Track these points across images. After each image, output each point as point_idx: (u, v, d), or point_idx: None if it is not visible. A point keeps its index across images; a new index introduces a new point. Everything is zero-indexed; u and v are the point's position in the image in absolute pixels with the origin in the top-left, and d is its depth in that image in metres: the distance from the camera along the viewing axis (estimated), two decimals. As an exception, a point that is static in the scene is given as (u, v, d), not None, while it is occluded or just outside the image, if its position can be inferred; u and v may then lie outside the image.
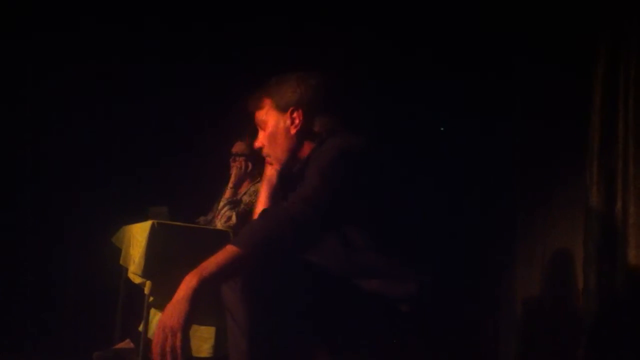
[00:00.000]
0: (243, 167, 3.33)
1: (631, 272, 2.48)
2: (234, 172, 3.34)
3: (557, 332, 2.97)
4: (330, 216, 1.51)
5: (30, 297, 3.73)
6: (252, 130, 1.83)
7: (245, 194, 3.31)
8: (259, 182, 3.31)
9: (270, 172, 1.88)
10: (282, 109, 1.75)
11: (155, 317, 3.22)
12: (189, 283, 1.40)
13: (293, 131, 1.74)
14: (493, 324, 3.39)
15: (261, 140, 1.80)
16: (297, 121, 1.74)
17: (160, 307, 3.01)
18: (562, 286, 3.04)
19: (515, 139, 3.46)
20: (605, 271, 2.54)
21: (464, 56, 3.61)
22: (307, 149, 1.74)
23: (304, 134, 1.74)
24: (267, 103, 1.78)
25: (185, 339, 1.37)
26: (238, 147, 3.38)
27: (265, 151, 1.80)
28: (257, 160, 3.35)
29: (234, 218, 3.14)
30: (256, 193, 3.23)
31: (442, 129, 3.83)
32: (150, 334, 3.15)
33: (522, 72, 3.44)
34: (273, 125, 1.77)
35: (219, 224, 3.20)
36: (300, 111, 1.73)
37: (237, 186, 3.33)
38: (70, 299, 3.85)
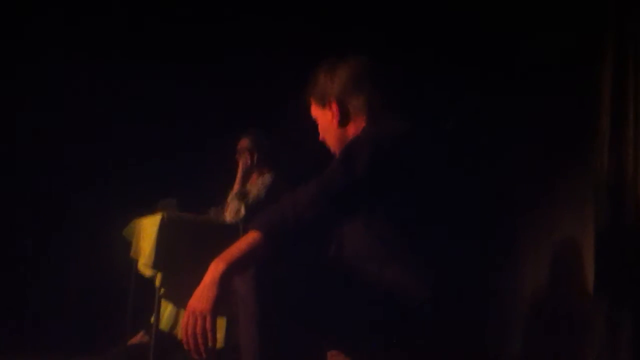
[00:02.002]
0: (248, 161, 3.38)
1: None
2: (240, 166, 3.39)
3: (563, 330, 2.95)
4: (346, 202, 1.51)
5: (41, 292, 3.76)
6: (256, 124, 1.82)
7: (253, 186, 3.33)
8: (266, 174, 3.33)
9: None
10: (320, 103, 1.79)
11: (167, 309, 3.24)
12: (216, 267, 1.43)
13: (335, 122, 1.77)
14: (497, 322, 3.37)
15: (320, 134, 1.85)
16: (335, 112, 1.76)
17: (172, 298, 3.04)
18: (570, 282, 3.02)
19: (516, 136, 3.44)
20: (618, 264, 2.52)
21: (465, 52, 3.59)
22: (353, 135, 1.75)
23: (345, 121, 1.76)
24: (312, 100, 1.83)
25: (215, 323, 1.40)
26: (242, 142, 3.43)
27: (327, 144, 1.85)
28: (262, 153, 3.38)
29: (242, 210, 3.16)
30: (264, 185, 3.25)
31: (447, 121, 3.81)
32: (162, 326, 3.18)
33: (523, 66, 3.42)
34: (321, 120, 1.81)
35: (228, 217, 3.22)
36: (334, 102, 1.76)
37: (244, 180, 3.38)
38: (81, 293, 3.88)
